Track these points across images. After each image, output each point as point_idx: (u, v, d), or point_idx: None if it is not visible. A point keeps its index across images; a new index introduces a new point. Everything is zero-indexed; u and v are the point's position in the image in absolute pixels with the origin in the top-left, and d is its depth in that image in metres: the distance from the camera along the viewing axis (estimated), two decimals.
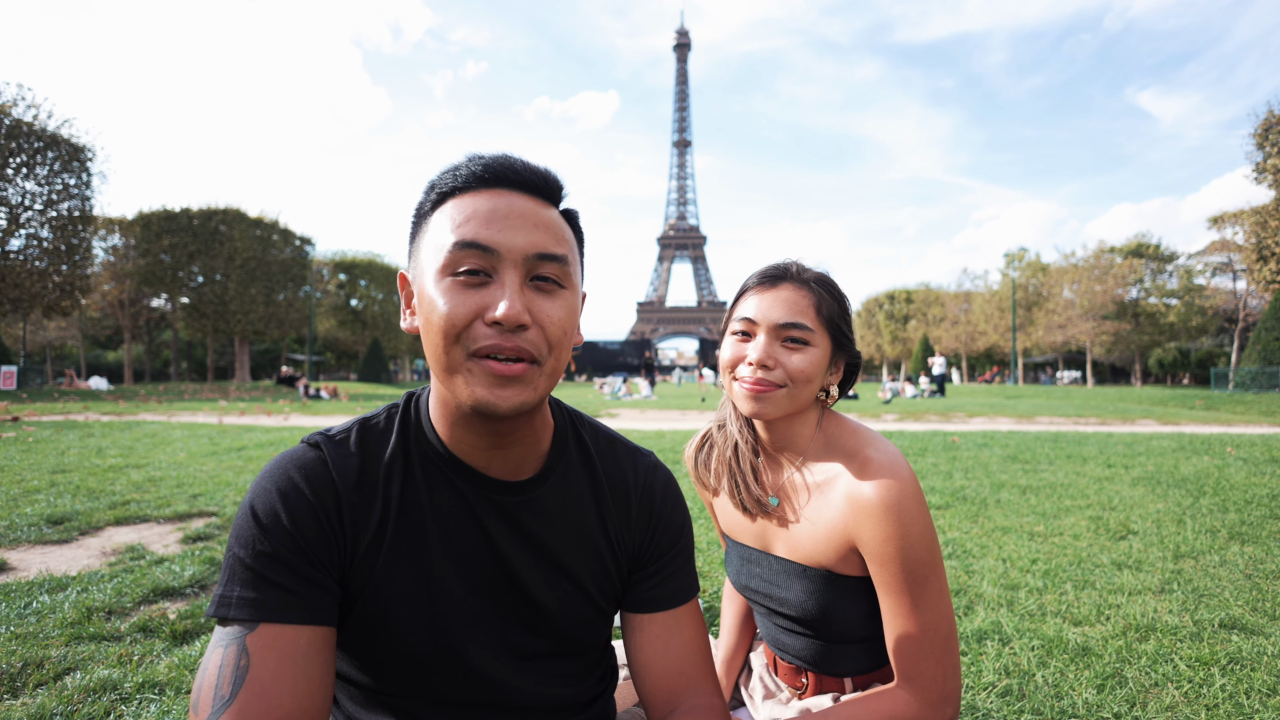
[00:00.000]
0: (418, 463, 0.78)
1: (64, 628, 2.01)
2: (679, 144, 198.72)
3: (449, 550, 0.77)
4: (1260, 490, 4.35)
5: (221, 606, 0.66)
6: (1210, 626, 2.13)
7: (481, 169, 0.71)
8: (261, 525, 0.69)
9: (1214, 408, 15.79)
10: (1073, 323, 38.58)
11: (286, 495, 0.71)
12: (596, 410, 13.71)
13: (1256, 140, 23.85)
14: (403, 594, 0.74)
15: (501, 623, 0.80)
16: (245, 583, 0.67)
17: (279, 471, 0.73)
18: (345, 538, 0.73)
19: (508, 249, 0.68)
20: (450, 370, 0.69)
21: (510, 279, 0.67)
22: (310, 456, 0.75)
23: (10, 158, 21.30)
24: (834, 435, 1.05)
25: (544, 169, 0.74)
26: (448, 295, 0.67)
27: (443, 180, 0.72)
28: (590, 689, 0.88)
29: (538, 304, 0.69)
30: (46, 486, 4.33)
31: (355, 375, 44.64)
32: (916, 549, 0.91)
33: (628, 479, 0.89)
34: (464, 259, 0.67)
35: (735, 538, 1.16)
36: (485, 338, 0.66)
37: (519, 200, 0.71)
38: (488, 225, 0.68)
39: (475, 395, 0.68)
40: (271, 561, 0.68)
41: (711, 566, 2.78)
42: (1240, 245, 30.79)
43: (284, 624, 0.66)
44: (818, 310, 1.00)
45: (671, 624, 0.85)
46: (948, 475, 5.07)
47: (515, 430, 0.77)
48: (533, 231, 0.69)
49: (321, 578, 0.70)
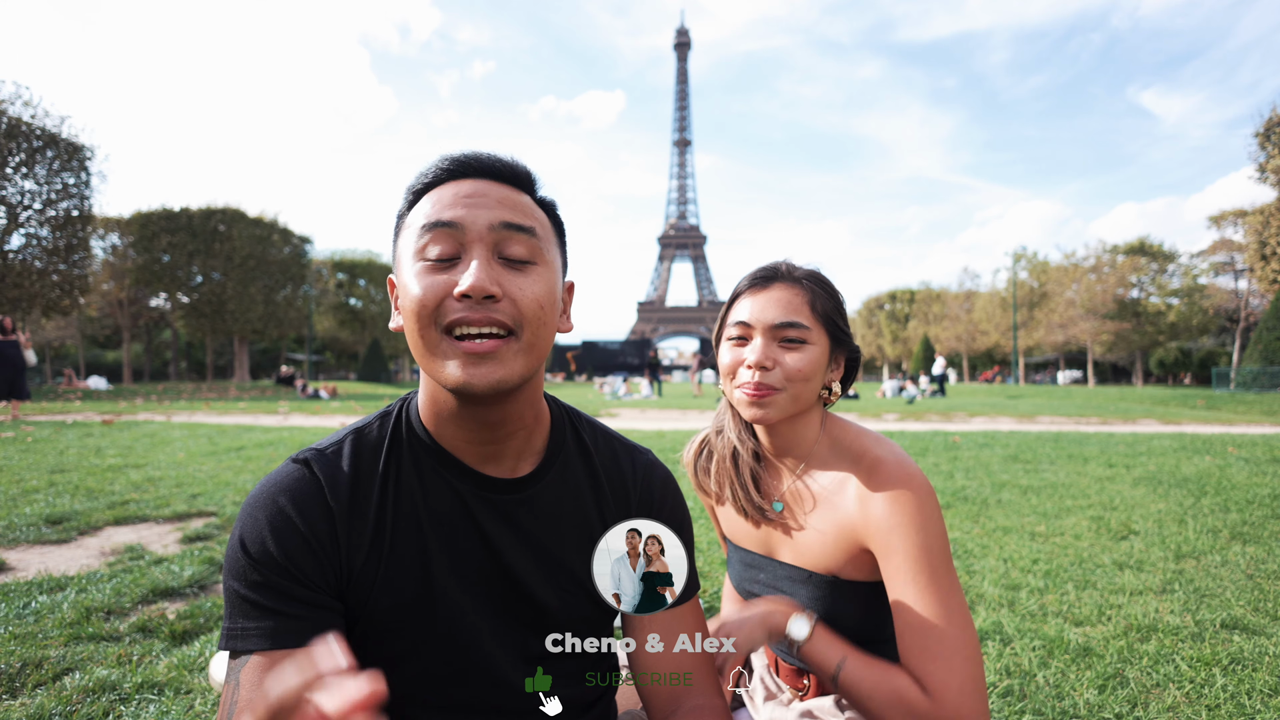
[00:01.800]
0: (411, 467, 0.78)
1: (63, 628, 2.00)
2: (679, 143, 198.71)
3: (447, 553, 0.76)
4: (1262, 490, 4.34)
5: (230, 640, 0.68)
6: (1212, 627, 2.13)
7: (450, 163, 0.73)
8: (251, 557, 0.69)
9: (1215, 407, 15.79)
10: (1074, 322, 38.57)
11: (275, 526, 0.70)
12: (596, 410, 13.71)
13: (1259, 140, 23.84)
14: (404, 602, 0.74)
15: (503, 624, 0.79)
16: (244, 614, 0.67)
17: (266, 499, 0.72)
18: (340, 558, 0.73)
19: (471, 223, 0.69)
20: (429, 352, 0.69)
21: (478, 252, 0.69)
22: (299, 477, 0.74)
23: (9, 156, 21.29)
24: (838, 437, 1.03)
25: (511, 158, 0.75)
26: (419, 278, 0.69)
27: (416, 181, 0.75)
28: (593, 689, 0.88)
29: (508, 278, 0.70)
30: (45, 486, 4.33)
31: (355, 375, 44.64)
32: (927, 536, 0.88)
33: (626, 475, 0.89)
34: (432, 241, 0.69)
35: (738, 543, 1.14)
36: (455, 311, 0.67)
37: (485, 184, 0.72)
38: (453, 206, 0.70)
39: (452, 376, 0.68)
40: (266, 591, 0.68)
41: (712, 566, 2.77)
42: (1241, 244, 30.79)
43: (283, 650, 0.66)
44: (812, 307, 0.98)
45: (672, 621, 0.85)
46: (949, 475, 5.06)
47: (504, 421, 0.76)
48: (496, 207, 0.71)
49: (320, 598, 0.70)
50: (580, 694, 0.86)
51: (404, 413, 0.82)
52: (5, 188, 21.34)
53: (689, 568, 0.89)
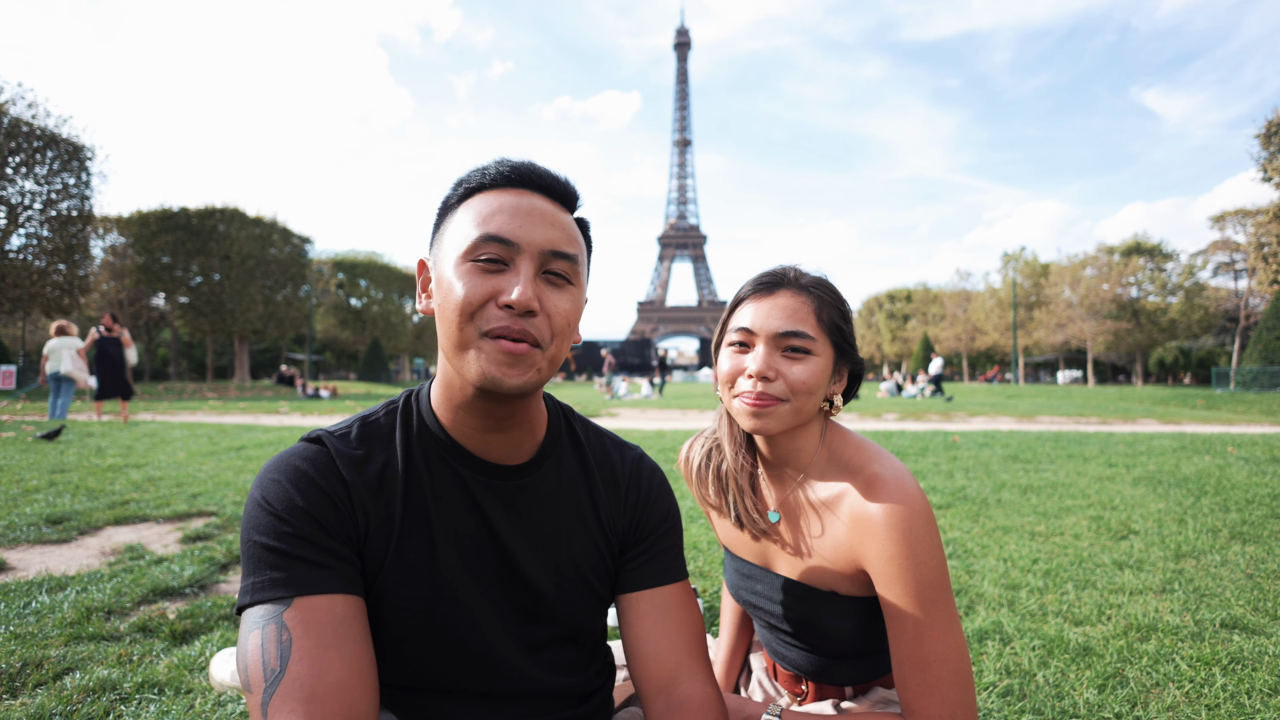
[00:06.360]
0: (419, 452, 0.80)
1: (63, 627, 2.00)
2: (679, 143, 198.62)
3: (451, 537, 0.79)
4: (1262, 490, 4.34)
5: (253, 592, 0.67)
6: (1211, 626, 2.13)
7: (510, 170, 0.77)
8: (276, 512, 0.70)
9: (1215, 407, 15.79)
10: (1073, 322, 38.56)
11: (297, 484, 0.72)
12: (597, 410, 13.71)
13: (1261, 141, 23.83)
14: (410, 579, 0.77)
15: (502, 608, 0.82)
16: (272, 565, 0.68)
17: (284, 465, 0.74)
18: (357, 521, 0.75)
19: (527, 242, 0.73)
20: (462, 347, 0.73)
21: (525, 269, 0.73)
22: (314, 450, 0.77)
23: (9, 156, 21.28)
24: (838, 450, 1.00)
25: (564, 178, 0.80)
26: (467, 278, 0.72)
27: (471, 177, 0.78)
28: (589, 681, 0.90)
29: (547, 294, 0.74)
30: (46, 486, 4.32)
31: (355, 375, 44.62)
32: (923, 569, 0.86)
33: (616, 467, 0.92)
34: (486, 249, 0.72)
35: (735, 552, 1.12)
36: (497, 319, 0.71)
37: (540, 201, 0.77)
38: (511, 220, 0.73)
39: (484, 371, 0.71)
40: (295, 540, 0.69)
41: (712, 566, 2.77)
42: (1241, 244, 30.76)
43: (318, 595, 0.67)
44: (818, 317, 0.94)
45: (660, 603, 0.87)
46: (949, 475, 5.06)
47: (514, 413, 0.80)
48: (550, 229, 0.75)
49: (344, 551, 0.72)
50: (578, 684, 0.88)
51: (413, 403, 0.85)
52: (6, 188, 21.32)
53: (675, 554, 0.92)
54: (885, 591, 0.89)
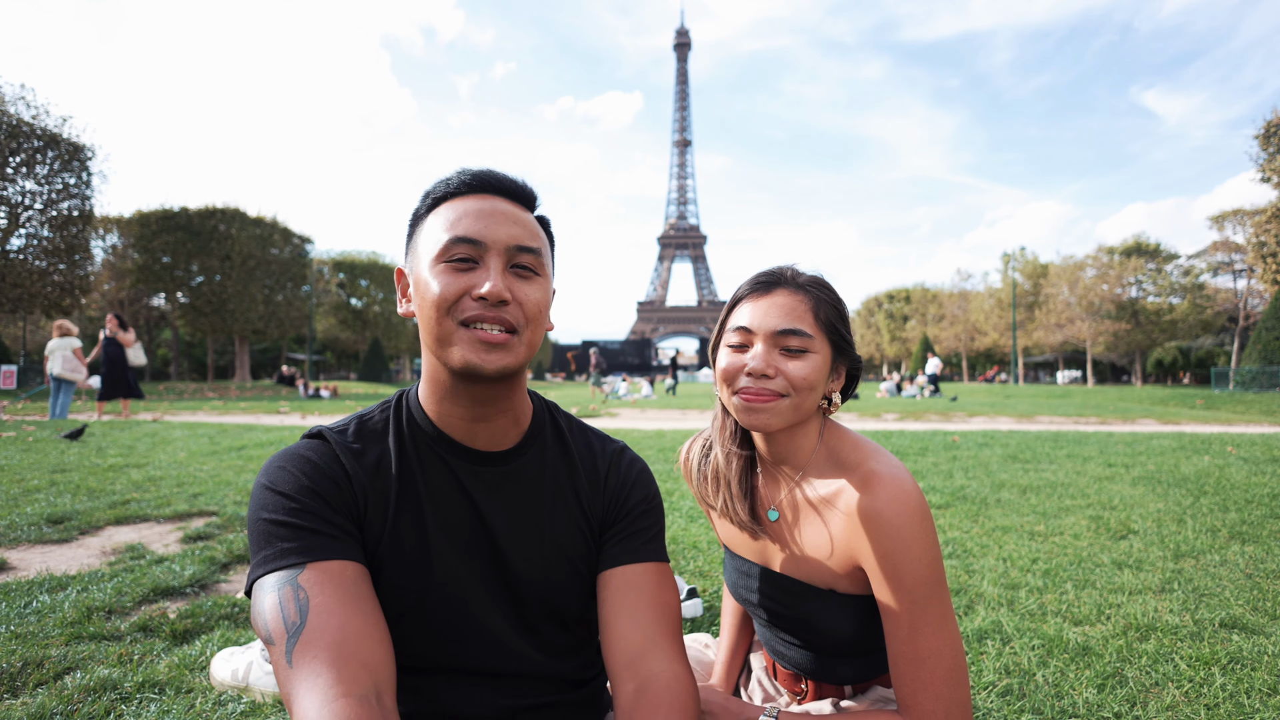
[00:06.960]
0: (410, 445, 0.86)
1: (64, 627, 2.00)
2: (679, 143, 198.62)
3: (442, 524, 0.84)
4: (1261, 490, 4.35)
5: (265, 563, 0.71)
6: (1211, 626, 2.13)
7: (471, 177, 0.84)
8: (284, 492, 0.75)
9: (1214, 407, 15.79)
10: (1072, 322, 38.54)
11: (301, 467, 0.78)
12: (595, 411, 13.71)
13: (1260, 142, 23.83)
14: (405, 562, 0.81)
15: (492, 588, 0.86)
16: (283, 537, 0.72)
17: (289, 455, 0.80)
18: (357, 500, 0.80)
19: (493, 240, 0.80)
20: (442, 340, 0.79)
21: (495, 264, 0.80)
22: (315, 442, 0.83)
23: (10, 156, 21.28)
24: (836, 448, 1.00)
25: (522, 180, 0.87)
26: (441, 277, 0.79)
27: (436, 188, 0.85)
28: (581, 669, 0.93)
29: (517, 286, 0.81)
30: (46, 486, 4.33)
31: (355, 375, 44.62)
32: (918, 566, 0.87)
33: (598, 457, 0.97)
34: (457, 249, 0.79)
35: (734, 550, 1.13)
36: (472, 309, 0.78)
37: (501, 203, 0.84)
38: (477, 222, 0.80)
39: (465, 357, 0.77)
40: (304, 514, 0.74)
41: (712, 566, 2.77)
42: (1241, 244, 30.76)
43: (329, 560, 0.72)
44: (816, 315, 0.96)
45: (633, 579, 0.88)
46: (948, 474, 5.06)
47: (496, 398, 0.85)
48: (513, 227, 0.82)
49: (349, 526, 0.78)
50: (570, 669, 0.91)
51: (404, 401, 0.91)
52: (6, 188, 21.32)
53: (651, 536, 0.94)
54: (880, 588, 0.90)
